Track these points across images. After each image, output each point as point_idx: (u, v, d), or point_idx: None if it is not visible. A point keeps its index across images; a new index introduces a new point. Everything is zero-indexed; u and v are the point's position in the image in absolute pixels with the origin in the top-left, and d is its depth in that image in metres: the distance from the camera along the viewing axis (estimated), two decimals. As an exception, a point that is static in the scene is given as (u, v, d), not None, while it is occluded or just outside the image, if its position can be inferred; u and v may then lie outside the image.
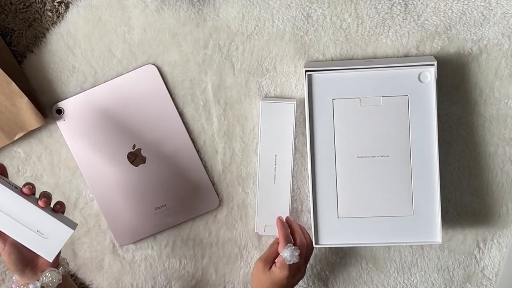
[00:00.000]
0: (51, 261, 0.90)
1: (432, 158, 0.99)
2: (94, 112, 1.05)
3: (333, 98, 0.99)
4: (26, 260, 0.90)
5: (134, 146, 1.05)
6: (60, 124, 1.05)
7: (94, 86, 1.05)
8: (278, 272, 0.96)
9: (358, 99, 0.99)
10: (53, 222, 0.89)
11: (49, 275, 0.90)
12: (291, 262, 0.96)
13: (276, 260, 0.98)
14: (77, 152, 1.06)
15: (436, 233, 1.00)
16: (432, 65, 0.97)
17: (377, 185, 1.00)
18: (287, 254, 0.96)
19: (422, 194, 0.99)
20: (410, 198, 1.00)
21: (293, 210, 1.07)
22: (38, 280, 0.90)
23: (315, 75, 0.99)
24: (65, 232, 0.90)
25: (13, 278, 0.95)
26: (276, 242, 1.01)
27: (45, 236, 0.89)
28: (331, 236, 1.01)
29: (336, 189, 1.01)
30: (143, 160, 1.05)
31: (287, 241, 0.98)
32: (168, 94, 1.05)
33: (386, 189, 1.00)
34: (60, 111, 1.05)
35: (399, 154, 0.99)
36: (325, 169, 1.00)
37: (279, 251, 0.97)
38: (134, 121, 1.05)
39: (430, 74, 0.98)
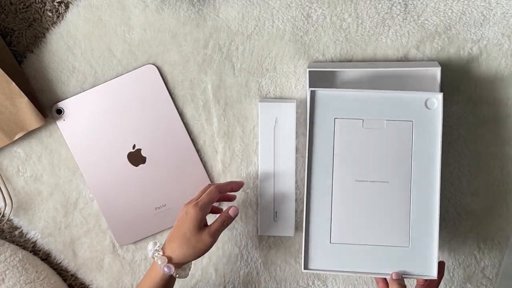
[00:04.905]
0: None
1: (433, 188, 0.95)
2: (94, 112, 1.05)
3: (335, 117, 0.96)
4: None
5: (134, 146, 1.05)
6: (60, 124, 1.05)
7: (94, 86, 1.05)
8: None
9: (361, 120, 0.95)
10: None
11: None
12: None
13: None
14: (77, 152, 1.06)
15: (432, 267, 0.95)
16: (440, 92, 0.94)
17: (374, 212, 0.95)
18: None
19: (420, 225, 0.95)
20: (407, 228, 0.95)
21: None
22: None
23: (319, 92, 0.95)
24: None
25: (159, 261, 0.92)
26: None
27: None
28: (321, 261, 0.97)
29: (330, 212, 0.96)
30: (143, 160, 1.05)
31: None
32: (168, 94, 1.05)
33: (382, 217, 0.95)
34: (60, 111, 1.05)
35: (399, 182, 0.95)
36: (321, 190, 0.96)
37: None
38: (134, 121, 1.05)
39: (437, 100, 0.94)
